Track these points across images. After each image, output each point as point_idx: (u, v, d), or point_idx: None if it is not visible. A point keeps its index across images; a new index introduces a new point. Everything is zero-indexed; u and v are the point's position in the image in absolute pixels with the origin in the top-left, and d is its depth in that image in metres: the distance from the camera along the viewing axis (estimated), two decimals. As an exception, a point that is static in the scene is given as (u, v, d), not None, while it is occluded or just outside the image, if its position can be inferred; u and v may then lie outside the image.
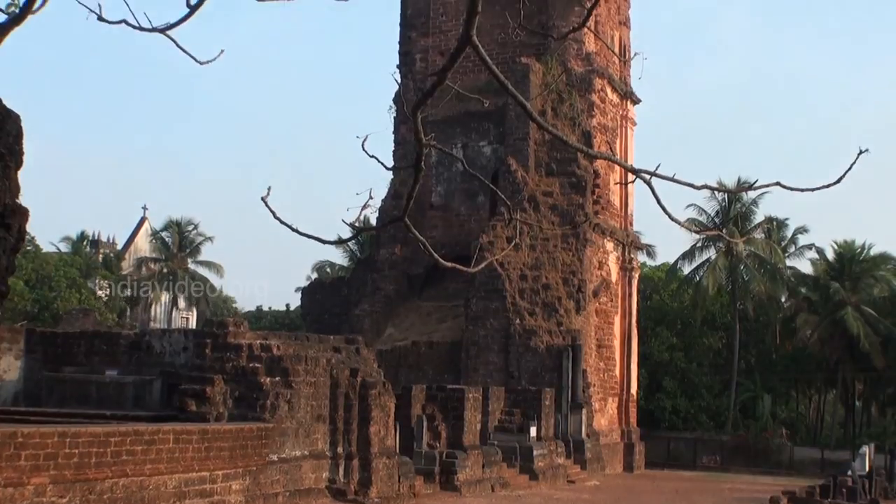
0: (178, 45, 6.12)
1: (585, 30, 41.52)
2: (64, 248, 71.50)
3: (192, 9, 5.72)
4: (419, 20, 46.83)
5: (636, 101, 50.16)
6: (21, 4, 5.78)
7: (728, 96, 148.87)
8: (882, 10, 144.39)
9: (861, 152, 6.11)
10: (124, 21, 5.92)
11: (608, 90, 46.49)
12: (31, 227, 11.75)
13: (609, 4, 47.06)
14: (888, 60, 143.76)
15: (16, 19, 5.74)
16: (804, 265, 62.21)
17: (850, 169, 6.05)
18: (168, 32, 5.92)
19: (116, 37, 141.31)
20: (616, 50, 48.07)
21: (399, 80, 46.68)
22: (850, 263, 58.36)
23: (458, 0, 45.27)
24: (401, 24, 47.57)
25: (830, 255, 60.18)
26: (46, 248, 67.93)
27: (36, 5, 5.62)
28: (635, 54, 47.73)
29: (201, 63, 6.51)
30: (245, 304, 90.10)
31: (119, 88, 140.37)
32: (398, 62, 47.33)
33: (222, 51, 6.68)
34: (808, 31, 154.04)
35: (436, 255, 6.79)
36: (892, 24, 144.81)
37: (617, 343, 46.92)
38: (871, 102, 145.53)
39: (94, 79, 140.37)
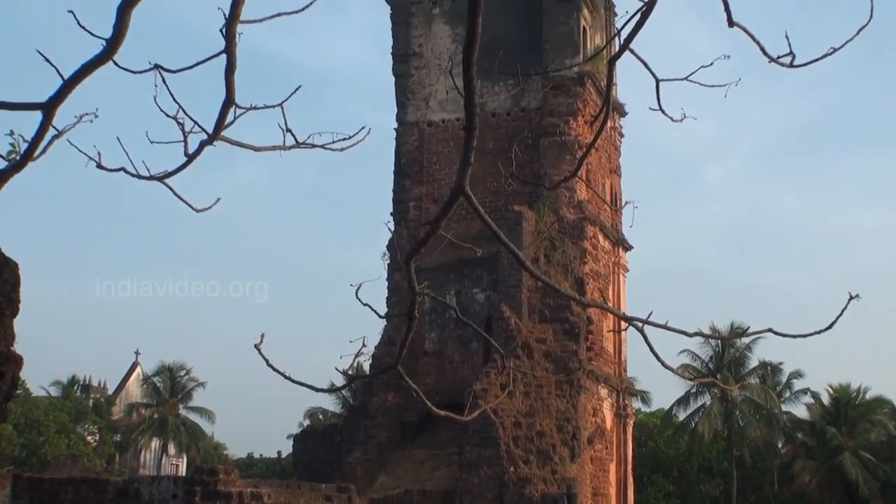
0: (175, 192, 6.19)
1: (577, 178, 42.18)
2: (54, 392, 70.92)
3: (190, 158, 5.82)
4: (413, 168, 47.35)
5: (628, 248, 50.57)
6: (22, 152, 5.85)
7: (718, 242, 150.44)
8: (858, 157, 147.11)
9: (851, 298, 6.12)
10: (123, 169, 6.01)
11: (600, 237, 46.88)
12: (22, 372, 11.63)
13: (600, 153, 47.82)
14: (873, 206, 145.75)
15: (16, 166, 5.81)
16: (800, 410, 61.98)
17: (841, 314, 6.06)
18: (165, 180, 6.00)
19: (113, 182, 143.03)
20: (607, 198, 48.69)
21: (392, 228, 46.98)
22: (847, 408, 58.09)
23: (452, 150, 45.93)
24: (395, 172, 48.06)
25: (826, 400, 59.96)
26: (37, 391, 67.40)
27: (37, 152, 5.70)
28: (626, 202, 48.36)
29: (198, 210, 6.58)
30: (236, 450, 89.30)
31: (112, 231, 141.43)
32: (392, 209, 47.65)
33: (218, 199, 6.75)
34: (796, 178, 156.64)
35: (429, 404, 6.73)
36: (873, 171, 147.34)
37: (612, 491, 46.18)
38: (862, 245, 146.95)
39: (86, 221, 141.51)
